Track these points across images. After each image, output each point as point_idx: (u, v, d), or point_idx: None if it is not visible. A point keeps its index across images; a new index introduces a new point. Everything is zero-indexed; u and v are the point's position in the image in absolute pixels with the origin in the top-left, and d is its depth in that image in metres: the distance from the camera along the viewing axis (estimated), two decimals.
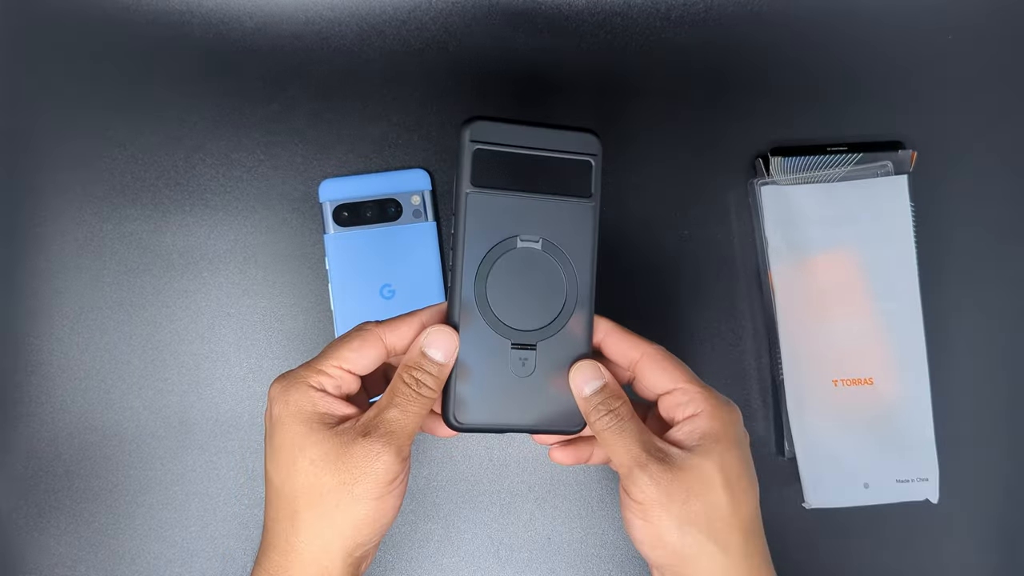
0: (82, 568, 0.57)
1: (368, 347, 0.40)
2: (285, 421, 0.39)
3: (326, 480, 0.38)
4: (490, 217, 0.41)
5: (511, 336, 0.41)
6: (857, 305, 0.57)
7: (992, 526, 0.58)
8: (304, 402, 0.39)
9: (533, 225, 0.41)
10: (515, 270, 0.41)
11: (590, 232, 0.42)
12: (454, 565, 0.58)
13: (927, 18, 0.61)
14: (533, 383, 0.42)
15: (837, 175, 0.58)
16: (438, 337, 0.40)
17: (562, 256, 0.41)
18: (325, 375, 0.40)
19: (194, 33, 0.60)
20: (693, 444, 0.40)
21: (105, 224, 0.59)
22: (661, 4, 0.60)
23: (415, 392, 0.40)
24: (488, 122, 0.40)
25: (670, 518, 0.39)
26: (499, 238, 0.41)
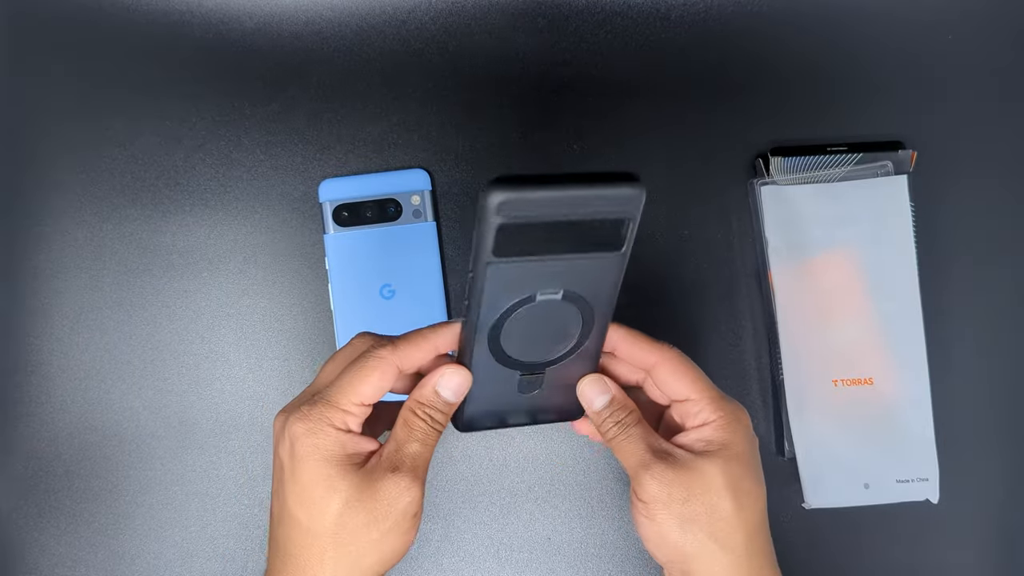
0: (82, 568, 0.57)
1: (386, 380, 0.40)
2: (312, 463, 0.39)
3: (361, 517, 0.39)
4: (511, 282, 0.38)
5: (521, 368, 0.41)
6: (857, 305, 0.57)
7: (992, 526, 0.58)
8: (333, 446, 0.39)
9: (555, 281, 0.38)
10: (532, 318, 0.39)
11: (614, 280, 0.39)
12: (454, 565, 0.58)
13: (927, 18, 0.61)
14: (538, 397, 0.42)
15: (837, 175, 0.58)
16: (452, 380, 0.41)
17: (582, 301, 0.39)
18: (351, 415, 0.40)
19: (194, 33, 0.60)
20: (700, 449, 0.41)
21: (105, 224, 0.59)
22: (661, 4, 0.60)
23: (429, 427, 0.41)
24: (516, 192, 0.34)
25: (672, 516, 0.39)
26: (519, 297, 0.38)
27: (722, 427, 0.41)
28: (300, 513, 0.39)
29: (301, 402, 0.40)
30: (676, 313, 0.59)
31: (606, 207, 0.35)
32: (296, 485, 0.39)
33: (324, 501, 0.39)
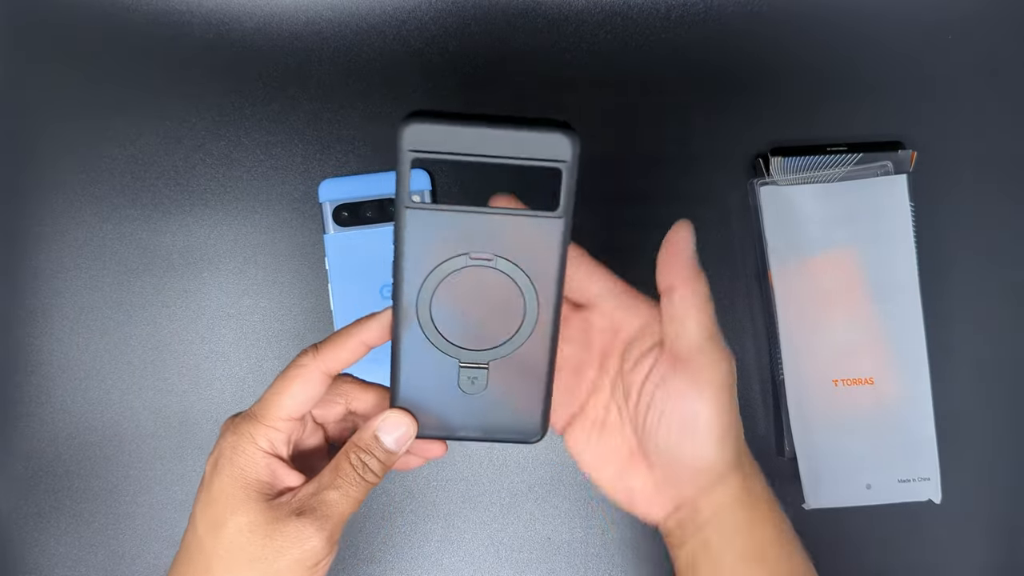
0: (82, 568, 0.57)
1: (309, 387, 0.38)
2: (225, 479, 0.38)
3: (250, 550, 0.37)
4: (434, 235, 0.35)
5: (459, 355, 0.37)
6: (857, 305, 0.57)
7: (993, 525, 0.58)
8: (249, 467, 0.38)
9: (486, 242, 0.35)
10: (465, 288, 0.36)
11: (557, 251, 0.35)
12: (454, 565, 0.58)
13: (927, 17, 0.61)
14: (484, 399, 0.38)
15: (837, 175, 0.58)
16: (393, 423, 0.38)
17: (521, 275, 0.36)
18: (275, 431, 0.38)
19: (194, 33, 0.60)
20: None
21: (105, 224, 0.59)
22: (661, 4, 0.60)
23: (358, 476, 0.38)
24: (429, 124, 0.33)
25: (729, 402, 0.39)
26: (444, 256, 0.35)
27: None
28: (200, 523, 0.38)
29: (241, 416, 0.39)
30: None
31: (531, 152, 0.33)
32: (206, 496, 0.38)
33: (223, 520, 0.37)
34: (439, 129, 0.33)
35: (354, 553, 0.58)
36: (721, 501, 0.40)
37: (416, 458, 0.42)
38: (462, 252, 0.35)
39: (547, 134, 0.33)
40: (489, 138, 0.33)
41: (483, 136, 0.33)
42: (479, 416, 0.39)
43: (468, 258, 0.35)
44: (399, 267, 0.36)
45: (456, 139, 0.33)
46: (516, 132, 0.33)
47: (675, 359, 0.39)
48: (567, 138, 0.33)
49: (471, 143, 0.33)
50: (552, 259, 0.36)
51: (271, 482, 0.38)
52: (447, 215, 0.35)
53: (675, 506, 0.41)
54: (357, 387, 0.42)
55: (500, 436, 0.39)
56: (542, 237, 0.35)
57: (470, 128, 0.33)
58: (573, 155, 0.34)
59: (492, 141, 0.33)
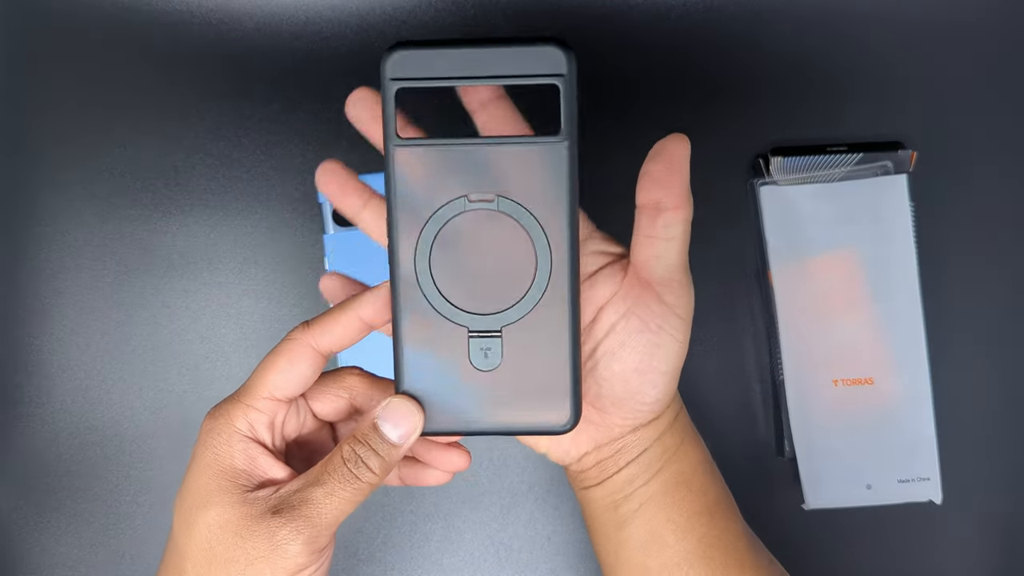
0: (82, 568, 0.57)
1: (296, 363, 0.34)
2: (199, 467, 0.33)
3: (219, 551, 0.32)
4: (428, 175, 0.32)
5: (467, 322, 0.33)
6: (857, 305, 0.57)
7: (993, 525, 0.58)
8: (224, 452, 0.33)
9: (486, 180, 0.32)
10: (468, 237, 0.32)
11: (564, 182, 0.32)
12: (454, 565, 0.58)
13: (927, 17, 0.61)
14: (501, 376, 0.33)
15: (837, 175, 0.58)
16: (394, 411, 0.33)
17: (528, 216, 0.32)
18: (255, 410, 0.33)
19: (194, 33, 0.60)
20: None
21: (105, 224, 0.59)
22: (661, 4, 0.60)
23: (351, 472, 0.32)
24: (412, 50, 0.31)
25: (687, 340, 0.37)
26: (442, 200, 0.32)
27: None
28: (176, 519, 0.34)
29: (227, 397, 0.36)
30: None
31: (525, 69, 0.31)
32: (182, 488, 0.34)
33: (192, 515, 0.33)
34: (425, 54, 0.31)
35: (354, 553, 0.58)
36: (651, 435, 0.38)
37: (437, 472, 0.37)
38: (460, 194, 0.32)
39: (540, 48, 0.31)
40: (479, 58, 0.31)
41: (472, 57, 0.31)
42: (497, 401, 0.33)
43: (467, 201, 0.32)
44: (391, 218, 0.33)
45: (444, 63, 0.31)
46: (507, 49, 0.31)
47: (646, 285, 0.36)
48: (562, 51, 0.31)
49: (460, 66, 0.31)
50: (560, 193, 0.32)
51: (248, 471, 0.33)
52: (440, 151, 0.32)
53: (596, 445, 0.38)
54: (364, 381, 0.37)
55: (524, 426, 0.34)
56: (546, 168, 0.32)
57: (458, 50, 0.31)
58: (570, 69, 0.31)
59: (482, 61, 0.31)
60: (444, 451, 0.37)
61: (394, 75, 0.31)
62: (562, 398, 0.33)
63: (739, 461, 0.58)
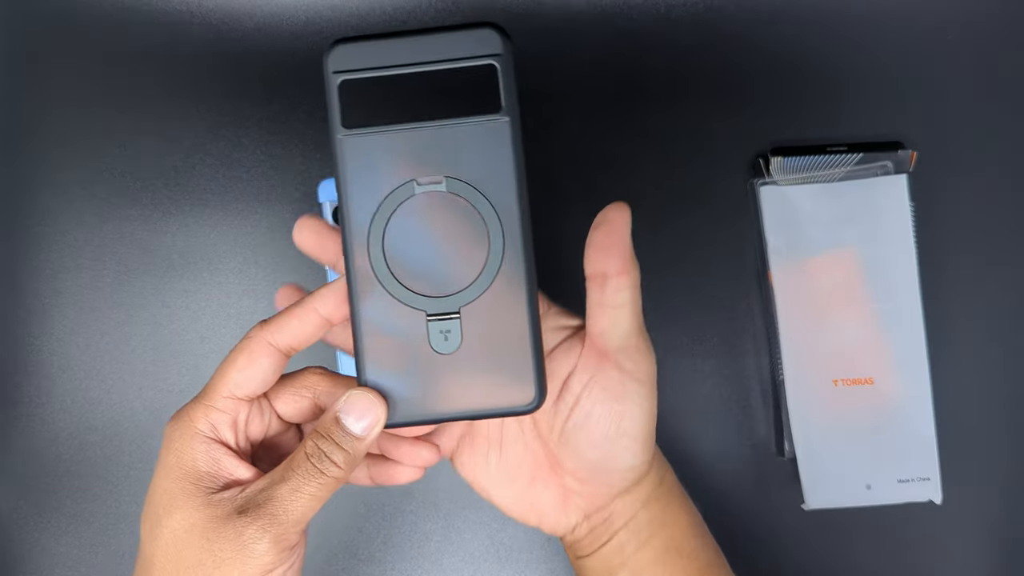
0: (82, 568, 0.57)
1: (255, 360, 0.33)
2: (163, 471, 0.33)
3: (186, 555, 0.31)
4: (376, 163, 0.33)
5: (425, 306, 0.33)
6: (857, 305, 0.57)
7: (993, 525, 0.58)
8: (187, 454, 0.32)
9: (433, 162, 0.32)
10: (419, 221, 0.33)
11: (509, 156, 0.32)
12: (454, 565, 0.58)
13: (927, 17, 0.61)
14: (462, 359, 0.33)
15: (837, 175, 0.58)
16: (356, 403, 0.32)
17: (476, 195, 0.33)
18: (215, 411, 0.33)
19: (194, 33, 0.60)
20: None
21: (105, 224, 0.59)
22: (661, 4, 0.60)
23: (315, 467, 0.32)
24: (352, 44, 0.32)
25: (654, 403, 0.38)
26: (391, 186, 0.33)
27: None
28: (143, 526, 0.33)
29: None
30: (676, 313, 0.59)
31: (462, 52, 0.32)
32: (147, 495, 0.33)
33: (157, 520, 0.32)
34: (365, 46, 0.33)
35: (354, 553, 0.58)
36: (637, 500, 0.38)
37: (407, 468, 0.37)
38: (409, 178, 0.33)
39: (476, 31, 0.33)
40: (418, 46, 0.32)
41: (411, 45, 0.32)
42: (461, 385, 0.33)
43: (416, 184, 0.33)
44: (343, 209, 0.33)
45: (383, 53, 0.33)
46: (444, 35, 0.33)
47: (604, 354, 0.36)
48: (497, 33, 0.33)
49: (400, 55, 0.32)
50: (507, 168, 0.33)
51: (212, 472, 0.33)
52: (385, 136, 0.33)
53: (585, 514, 0.38)
54: (327, 380, 0.36)
55: (490, 408, 0.33)
56: (491, 144, 0.32)
57: (396, 40, 0.32)
58: (506, 48, 0.33)
59: (420, 48, 0.32)
60: (412, 446, 0.37)
61: (336, 68, 0.33)
62: (525, 376, 0.33)
63: (739, 461, 0.58)
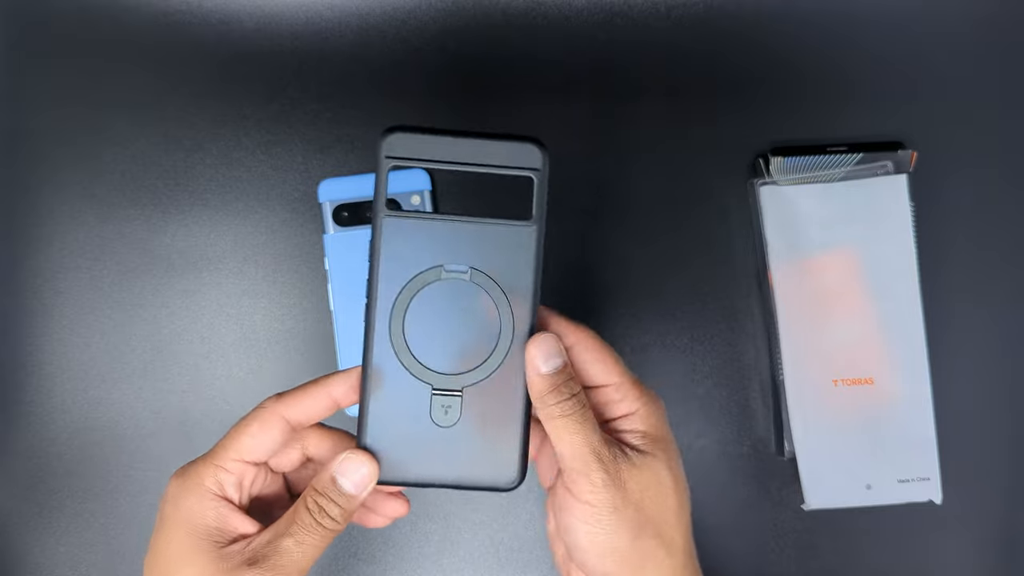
0: (82, 568, 0.57)
1: (267, 429, 0.36)
2: (171, 527, 0.35)
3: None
4: (410, 245, 0.36)
5: (432, 380, 0.36)
6: (857, 305, 0.57)
7: (993, 526, 0.58)
8: (196, 511, 0.35)
9: (461, 253, 0.36)
10: (440, 304, 0.36)
11: (531, 262, 0.36)
12: (454, 565, 0.58)
13: (927, 18, 0.61)
14: (457, 433, 0.36)
15: (837, 175, 0.58)
16: (351, 465, 0.35)
17: (496, 288, 0.36)
18: (224, 471, 0.36)
19: (194, 33, 0.60)
20: (642, 446, 0.37)
21: (105, 224, 0.59)
22: (661, 4, 0.60)
23: (315, 522, 0.35)
24: (407, 134, 0.35)
25: (624, 523, 0.35)
26: (420, 268, 0.36)
27: (650, 416, 0.37)
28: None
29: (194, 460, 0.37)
30: (676, 313, 0.59)
31: (504, 160, 0.35)
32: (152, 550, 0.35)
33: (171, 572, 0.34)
34: (418, 138, 0.35)
35: (354, 553, 0.58)
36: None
37: (379, 517, 0.40)
38: (437, 264, 0.36)
39: (521, 144, 0.35)
40: (465, 148, 0.35)
41: (458, 147, 0.35)
42: (451, 457, 0.36)
43: (443, 270, 0.36)
44: (372, 279, 0.37)
45: (434, 148, 0.35)
46: (491, 142, 0.35)
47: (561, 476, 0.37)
48: (538, 148, 0.36)
49: (448, 152, 0.35)
50: (527, 270, 0.36)
51: (221, 528, 0.35)
52: (423, 223, 0.36)
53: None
54: (316, 432, 0.39)
55: (473, 482, 0.37)
56: (516, 247, 0.36)
57: (448, 139, 0.35)
58: (544, 164, 0.35)
59: (468, 151, 0.35)
60: (387, 500, 0.41)
61: (388, 153, 0.36)
62: (511, 458, 0.36)
63: (739, 461, 0.58)
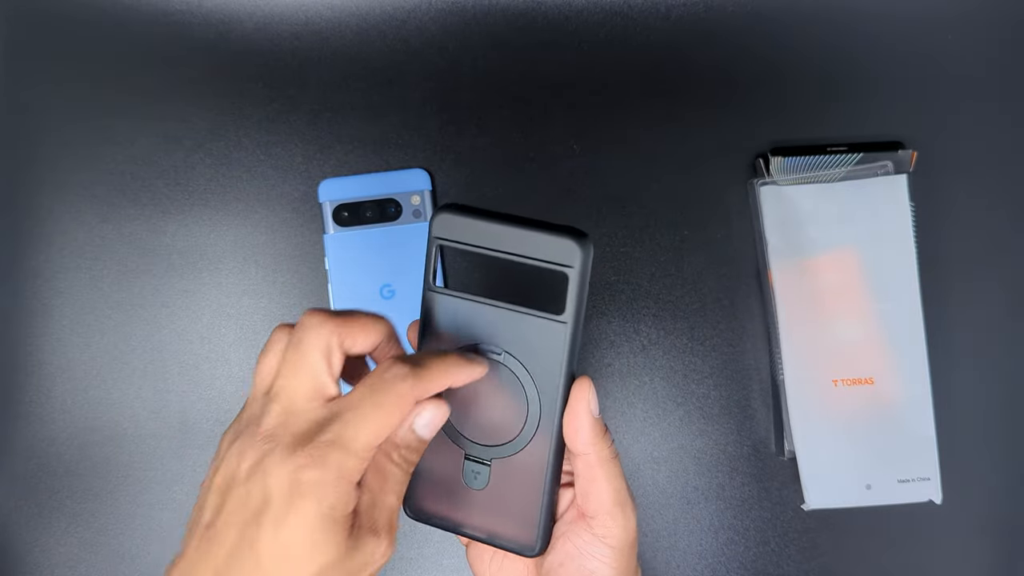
0: (82, 568, 0.57)
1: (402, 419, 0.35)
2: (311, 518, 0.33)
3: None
4: (451, 320, 0.37)
5: (465, 447, 0.39)
6: (857, 305, 0.57)
7: (993, 525, 0.58)
8: (339, 504, 0.33)
9: (497, 337, 0.37)
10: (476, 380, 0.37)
11: (561, 356, 0.36)
12: (454, 565, 0.58)
13: (927, 18, 0.61)
14: (486, 496, 0.39)
15: (837, 175, 0.58)
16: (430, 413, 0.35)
17: (526, 375, 0.37)
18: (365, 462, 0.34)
19: (194, 33, 0.60)
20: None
21: (105, 224, 0.59)
22: (661, 4, 0.60)
23: (406, 475, 0.36)
24: (456, 215, 0.36)
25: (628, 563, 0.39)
26: (458, 343, 0.37)
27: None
28: (269, 563, 0.33)
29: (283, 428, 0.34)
30: (676, 313, 0.59)
31: (542, 254, 0.35)
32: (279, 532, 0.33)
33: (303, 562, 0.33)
34: (464, 222, 0.36)
35: None
36: None
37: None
38: (475, 342, 0.37)
39: (559, 238, 0.35)
40: (506, 236, 0.36)
41: (501, 233, 0.36)
42: (481, 515, 0.39)
43: (480, 348, 0.37)
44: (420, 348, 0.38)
45: (477, 233, 0.36)
46: (531, 233, 0.35)
47: (581, 514, 0.39)
48: (577, 245, 0.35)
49: (490, 238, 0.36)
50: (555, 365, 0.36)
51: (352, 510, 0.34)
52: (464, 303, 0.37)
53: None
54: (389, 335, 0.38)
55: (500, 542, 0.39)
56: (547, 340, 0.36)
57: (491, 224, 0.36)
58: (582, 262, 0.35)
59: (508, 239, 0.36)
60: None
61: (438, 234, 0.37)
62: (531, 529, 0.39)
63: (739, 461, 0.58)
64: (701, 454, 0.58)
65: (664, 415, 0.58)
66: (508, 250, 0.35)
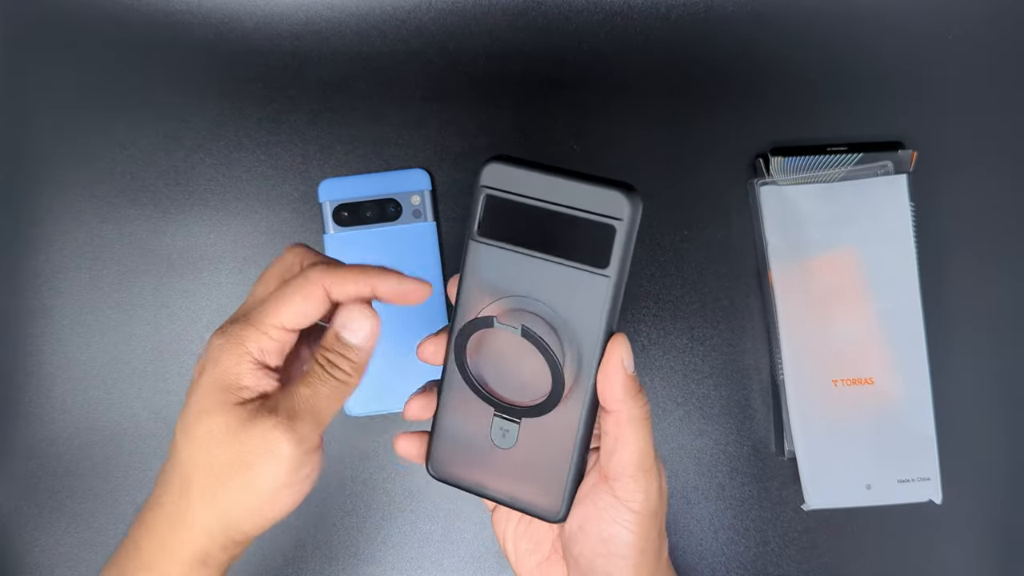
0: (82, 568, 0.57)
1: (312, 303, 0.37)
2: (206, 383, 0.36)
3: (219, 455, 0.35)
4: (493, 272, 0.36)
5: (494, 404, 0.37)
6: (857, 305, 0.57)
7: (993, 526, 0.58)
8: (232, 370, 0.36)
9: (539, 289, 0.36)
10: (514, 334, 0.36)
11: (601, 310, 0.35)
12: (454, 565, 0.58)
13: (927, 18, 0.61)
14: (513, 456, 0.38)
15: (837, 175, 0.58)
16: (353, 317, 0.37)
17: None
18: (268, 338, 0.36)
19: (194, 33, 0.60)
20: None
21: (105, 224, 0.59)
22: (661, 4, 0.60)
23: (327, 373, 0.37)
24: (505, 165, 0.36)
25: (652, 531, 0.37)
26: (498, 295, 0.36)
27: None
28: (179, 434, 0.36)
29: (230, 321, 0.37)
30: (676, 313, 0.59)
31: (590, 206, 0.35)
32: (185, 405, 0.37)
33: (195, 425, 0.36)
34: (513, 172, 0.36)
35: (354, 553, 0.58)
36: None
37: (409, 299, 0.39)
38: (515, 294, 0.36)
39: (608, 190, 0.35)
40: (555, 187, 0.35)
41: (550, 184, 0.35)
42: (506, 476, 0.38)
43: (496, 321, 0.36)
44: (459, 298, 0.37)
45: (526, 183, 0.35)
46: (580, 185, 0.35)
47: (604, 477, 0.38)
48: (626, 198, 0.35)
49: (538, 189, 0.35)
50: (595, 320, 0.35)
51: (251, 387, 0.36)
52: (507, 253, 0.36)
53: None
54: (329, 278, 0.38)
55: (523, 505, 0.38)
56: (589, 293, 0.35)
57: (540, 175, 0.35)
58: (631, 216, 0.35)
59: (557, 190, 0.35)
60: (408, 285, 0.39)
61: (485, 183, 0.36)
62: (558, 493, 0.38)
63: (739, 461, 0.58)
64: (701, 454, 0.58)
65: (664, 415, 0.58)
66: (557, 201, 0.35)
